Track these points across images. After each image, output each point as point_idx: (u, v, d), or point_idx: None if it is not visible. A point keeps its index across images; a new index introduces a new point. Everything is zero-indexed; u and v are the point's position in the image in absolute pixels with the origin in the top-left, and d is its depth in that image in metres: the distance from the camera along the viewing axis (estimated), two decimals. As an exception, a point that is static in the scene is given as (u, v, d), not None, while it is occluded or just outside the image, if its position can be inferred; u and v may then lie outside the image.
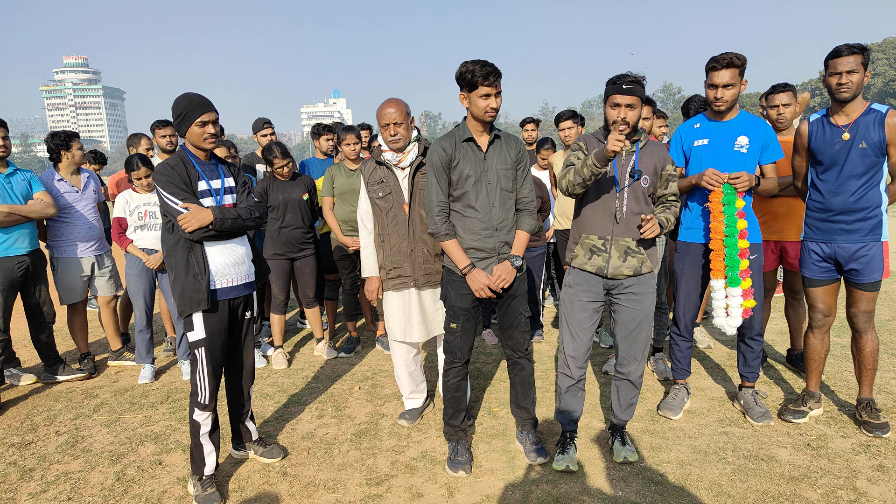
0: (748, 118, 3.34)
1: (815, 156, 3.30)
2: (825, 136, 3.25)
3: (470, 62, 2.86)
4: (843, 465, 3.03)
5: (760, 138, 3.28)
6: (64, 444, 3.57)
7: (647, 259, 2.99)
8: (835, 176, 3.22)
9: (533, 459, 3.16)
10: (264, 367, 4.83)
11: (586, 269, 3.00)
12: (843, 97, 3.14)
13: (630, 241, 2.95)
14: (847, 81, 3.10)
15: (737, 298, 3.26)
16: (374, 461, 3.26)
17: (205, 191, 2.90)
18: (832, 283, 3.38)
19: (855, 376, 3.50)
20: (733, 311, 3.29)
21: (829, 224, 3.27)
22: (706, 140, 3.37)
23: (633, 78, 2.81)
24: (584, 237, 3.02)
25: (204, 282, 2.83)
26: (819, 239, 3.32)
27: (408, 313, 3.49)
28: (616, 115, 2.82)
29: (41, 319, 4.47)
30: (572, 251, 3.08)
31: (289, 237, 4.72)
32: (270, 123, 5.72)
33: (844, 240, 3.23)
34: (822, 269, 3.35)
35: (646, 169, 2.94)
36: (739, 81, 3.23)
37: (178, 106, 2.83)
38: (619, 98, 2.80)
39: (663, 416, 3.59)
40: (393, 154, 3.38)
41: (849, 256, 3.23)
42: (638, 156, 2.94)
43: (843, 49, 3.10)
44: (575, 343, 3.08)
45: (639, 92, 2.80)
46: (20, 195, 4.20)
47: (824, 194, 3.26)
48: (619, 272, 2.95)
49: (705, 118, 3.45)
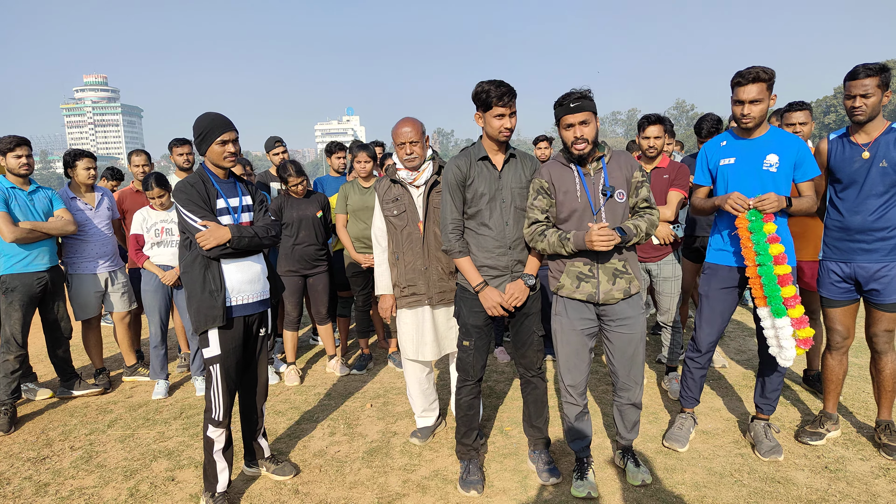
0: (779, 134, 3.17)
1: (835, 174, 3.27)
2: (844, 155, 3.22)
3: (486, 82, 2.89)
4: (863, 488, 2.97)
5: (792, 155, 3.11)
6: (78, 459, 3.60)
7: (634, 278, 2.93)
8: (854, 194, 3.18)
9: (545, 479, 3.13)
10: (276, 383, 4.84)
11: (575, 297, 2.92)
12: (857, 120, 3.12)
13: (617, 263, 2.88)
14: (861, 105, 3.07)
15: (785, 329, 3.04)
16: (385, 480, 3.25)
17: (223, 209, 2.95)
18: (851, 304, 3.33)
19: (874, 398, 3.43)
20: (784, 343, 3.06)
21: (848, 243, 3.23)
22: (733, 159, 3.23)
23: (579, 94, 2.78)
24: (568, 265, 2.92)
25: (220, 299, 2.86)
26: (838, 258, 3.28)
27: (421, 331, 3.50)
28: (571, 136, 2.79)
29: (58, 335, 4.53)
30: (557, 280, 2.98)
31: (302, 254, 4.76)
32: (282, 142, 5.79)
33: (864, 259, 3.19)
34: (841, 289, 3.30)
35: (616, 182, 2.88)
36: (768, 96, 3.05)
37: (199, 125, 2.89)
38: (570, 118, 2.78)
39: (669, 447, 3.44)
40: (408, 172, 3.41)
41: (869, 276, 3.18)
42: (606, 171, 2.89)
43: (859, 70, 3.06)
44: (573, 373, 3.02)
45: (588, 106, 2.77)
46: (41, 212, 4.28)
47: (843, 213, 3.23)
48: (610, 297, 2.88)
49: (732, 135, 3.29)
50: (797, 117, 3.97)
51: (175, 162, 5.24)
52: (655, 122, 4.06)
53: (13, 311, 4.14)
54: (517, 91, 2.94)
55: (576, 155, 2.84)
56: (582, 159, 2.87)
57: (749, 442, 3.49)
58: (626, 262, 2.91)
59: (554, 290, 3.02)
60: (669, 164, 4.13)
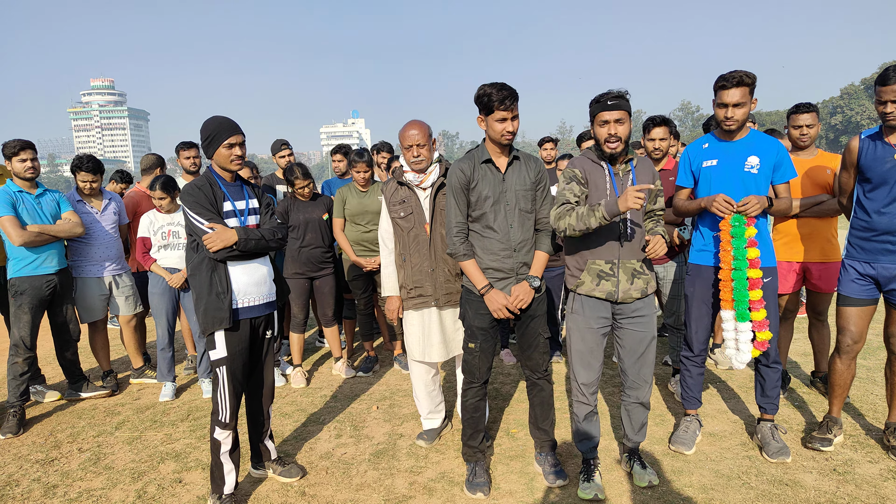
0: (759, 137, 3.24)
1: (864, 173, 3.22)
2: (875, 154, 3.16)
3: (487, 85, 2.89)
4: (871, 491, 2.96)
5: (772, 158, 3.18)
6: (86, 461, 3.61)
7: (651, 279, 2.99)
8: (883, 195, 3.14)
9: (552, 482, 3.13)
10: (283, 385, 4.86)
11: (595, 295, 2.95)
12: (892, 125, 3.07)
13: (636, 263, 2.93)
14: (893, 111, 3.02)
15: (746, 333, 3.15)
16: (392, 482, 3.25)
17: (230, 211, 2.96)
18: (869, 306, 3.28)
19: (886, 400, 3.39)
20: (742, 346, 3.18)
21: (873, 244, 3.19)
22: (715, 161, 3.28)
23: (617, 93, 2.81)
24: (590, 263, 2.95)
25: (226, 301, 2.87)
26: (862, 258, 3.24)
27: (428, 333, 3.50)
28: (605, 133, 2.82)
29: (67, 337, 4.55)
30: (577, 278, 3.01)
31: (308, 256, 4.78)
32: (288, 144, 5.81)
33: (888, 260, 3.15)
34: (861, 286, 3.25)
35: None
36: (750, 100, 3.13)
37: (206, 128, 2.91)
38: (606, 115, 2.80)
39: (675, 451, 3.43)
40: (415, 175, 3.42)
41: (891, 277, 3.15)
42: (634, 175, 2.92)
43: (890, 76, 2.98)
44: (588, 371, 3.04)
45: (624, 106, 2.80)
46: (49, 215, 4.31)
47: (870, 213, 3.19)
48: (628, 295, 2.92)
49: (714, 138, 3.34)
50: (804, 119, 3.95)
51: (182, 165, 5.27)
52: (661, 124, 4.08)
53: (22, 314, 4.17)
54: (520, 93, 2.94)
55: (608, 153, 2.87)
56: (613, 158, 2.90)
57: (756, 444, 3.47)
58: (644, 262, 2.96)
59: (573, 287, 3.03)
60: (675, 165, 4.13)
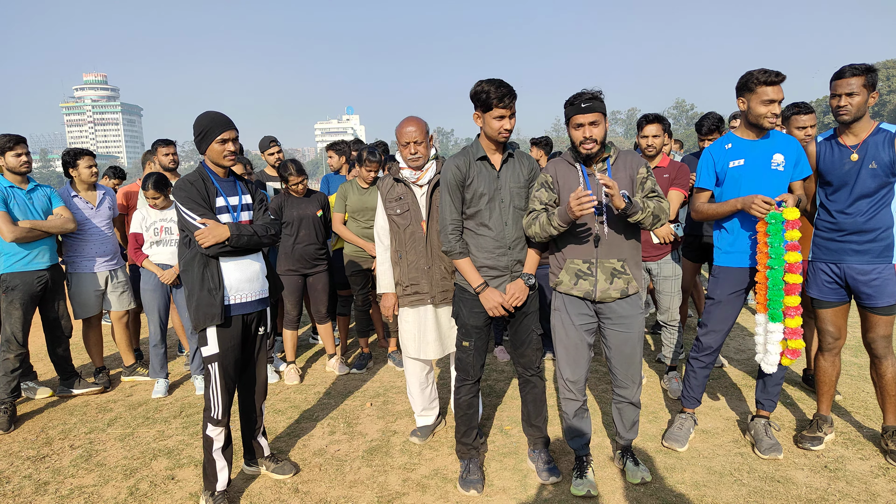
0: (779, 136, 3.23)
1: (824, 177, 3.27)
2: (833, 157, 3.22)
3: (485, 82, 2.88)
4: (862, 487, 2.98)
5: (794, 155, 3.19)
6: (78, 457, 3.60)
7: (633, 279, 2.94)
8: (845, 196, 3.18)
9: (545, 479, 3.13)
10: (276, 382, 4.85)
11: (573, 293, 2.96)
12: (843, 119, 3.13)
13: (615, 263, 2.90)
14: (846, 104, 3.08)
15: (776, 334, 3.07)
16: (385, 478, 3.25)
17: (222, 207, 2.95)
18: (842, 305, 3.31)
19: (878, 403, 3.37)
20: (770, 348, 3.11)
21: (838, 244, 3.22)
22: (742, 160, 3.23)
23: (591, 94, 2.80)
24: (568, 262, 2.95)
25: (218, 297, 2.86)
26: (828, 259, 3.27)
27: (423, 330, 3.50)
28: (581, 136, 2.81)
29: (59, 333, 4.52)
30: (556, 276, 3.01)
31: (302, 253, 4.76)
32: (277, 141, 5.76)
33: (855, 260, 3.18)
34: (831, 289, 3.29)
35: (621, 183, 2.88)
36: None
37: (199, 123, 2.89)
38: (580, 118, 2.79)
39: (668, 447, 3.44)
40: (411, 172, 3.41)
41: (859, 278, 3.17)
42: (610, 172, 2.91)
43: (846, 70, 3.07)
44: (573, 367, 3.04)
45: (599, 108, 2.78)
46: (41, 210, 4.28)
47: (834, 215, 3.22)
48: (607, 295, 2.90)
49: (736, 137, 3.30)
50: (805, 120, 3.97)
51: (161, 162, 5.19)
52: (654, 121, 4.09)
53: (13, 310, 4.14)
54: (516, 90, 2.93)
55: (583, 154, 2.86)
56: (588, 159, 2.89)
57: (749, 441, 3.49)
58: (626, 262, 2.92)
59: (553, 285, 3.04)
60: (670, 163, 4.14)
